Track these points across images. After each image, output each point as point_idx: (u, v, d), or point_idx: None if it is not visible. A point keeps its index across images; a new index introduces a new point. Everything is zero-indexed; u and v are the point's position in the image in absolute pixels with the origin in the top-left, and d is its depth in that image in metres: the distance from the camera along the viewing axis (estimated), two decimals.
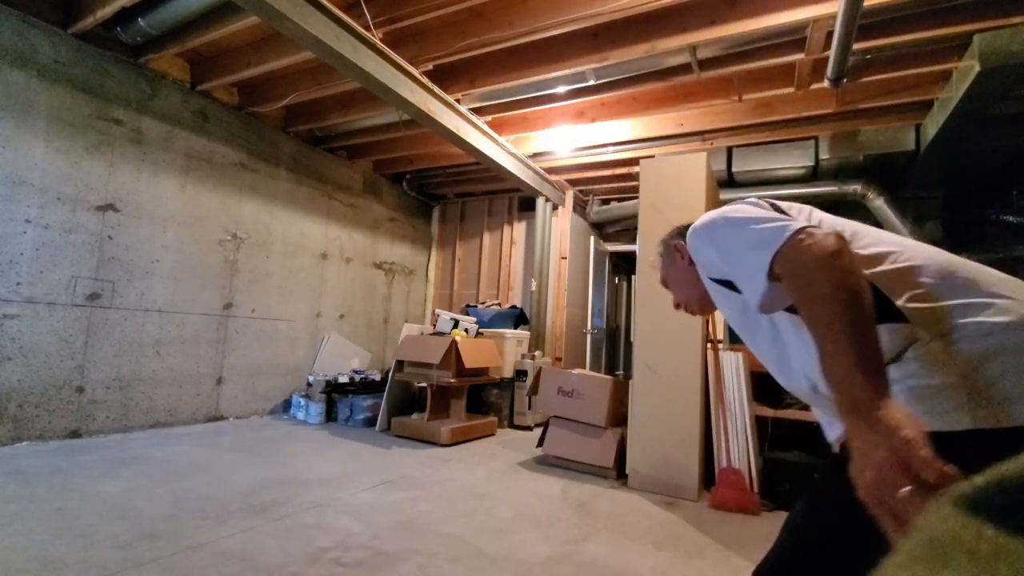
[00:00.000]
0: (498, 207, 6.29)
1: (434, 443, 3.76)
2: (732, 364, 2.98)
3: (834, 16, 2.46)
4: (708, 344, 3.03)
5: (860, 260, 0.72)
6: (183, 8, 3.08)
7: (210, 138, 4.09)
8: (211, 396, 4.08)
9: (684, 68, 3.29)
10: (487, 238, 6.30)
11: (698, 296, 1.05)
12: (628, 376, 3.21)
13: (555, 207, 5.69)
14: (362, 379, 4.63)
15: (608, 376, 3.48)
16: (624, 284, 7.72)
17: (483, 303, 5.74)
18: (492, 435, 4.30)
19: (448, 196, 6.61)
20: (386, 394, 4.23)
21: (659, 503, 2.77)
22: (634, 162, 4.43)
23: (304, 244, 4.91)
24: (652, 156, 4.00)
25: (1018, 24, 2.63)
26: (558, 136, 4.61)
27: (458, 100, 3.86)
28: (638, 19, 3.02)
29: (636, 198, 3.56)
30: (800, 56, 3.01)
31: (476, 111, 4.08)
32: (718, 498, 2.75)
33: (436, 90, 3.58)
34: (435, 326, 4.55)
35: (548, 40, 3.25)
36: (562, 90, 3.70)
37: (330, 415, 4.40)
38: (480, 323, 4.81)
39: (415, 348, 4.03)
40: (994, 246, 4.26)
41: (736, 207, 0.84)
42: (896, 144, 3.88)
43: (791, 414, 2.96)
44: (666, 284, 1.13)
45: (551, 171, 5.35)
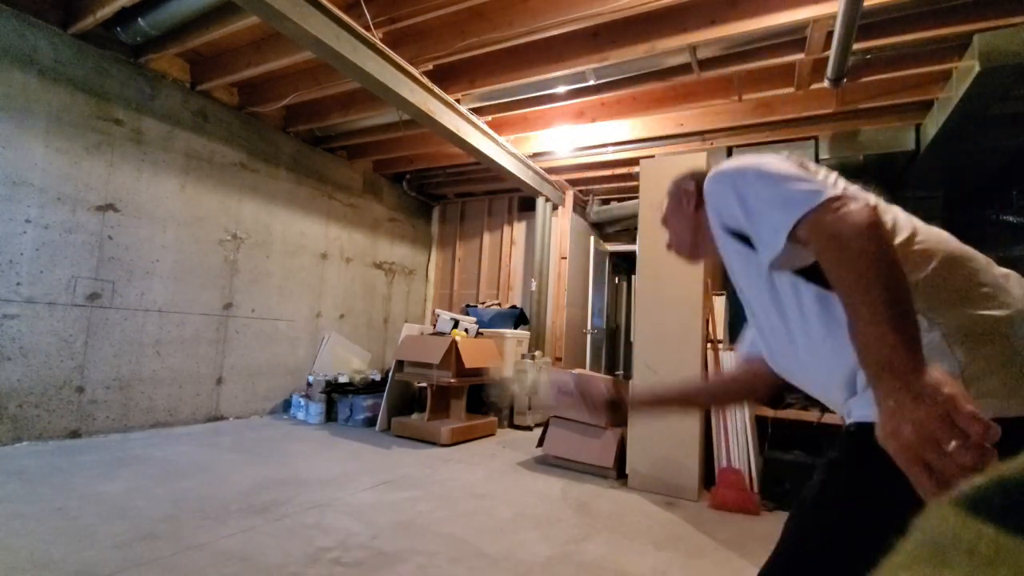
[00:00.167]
0: (498, 207, 6.29)
1: (434, 443, 3.76)
2: (732, 364, 2.98)
3: (834, 16, 2.46)
4: (708, 344, 3.03)
5: None
6: (183, 8, 3.08)
7: (210, 138, 4.09)
8: (211, 396, 4.08)
9: (684, 68, 3.29)
10: (487, 238, 6.30)
11: (693, 242, 1.06)
12: (628, 376, 3.21)
13: (555, 207, 5.69)
14: (362, 379, 4.63)
15: (608, 376, 3.48)
16: (624, 284, 7.71)
17: (483, 303, 5.74)
18: (492, 435, 4.30)
19: (448, 196, 6.61)
20: (386, 394, 4.22)
21: (659, 503, 2.77)
22: (634, 162, 4.43)
23: (304, 244, 4.91)
24: (652, 156, 4.00)
25: (1018, 24, 2.62)
26: (558, 136, 4.61)
27: (458, 100, 3.85)
28: (638, 19, 3.02)
29: (636, 198, 3.57)
30: (800, 56, 3.01)
31: (476, 111, 4.07)
32: (718, 498, 2.75)
33: (436, 90, 3.58)
34: (435, 326, 4.55)
35: (548, 40, 3.25)
36: (562, 90, 3.69)
37: (330, 415, 4.40)
38: (480, 323, 4.81)
39: (415, 348, 4.03)
40: (994, 246, 4.25)
41: (767, 160, 0.80)
42: (896, 144, 3.88)
43: (791, 414, 2.96)
44: (666, 224, 1.13)
45: (551, 171, 5.35)
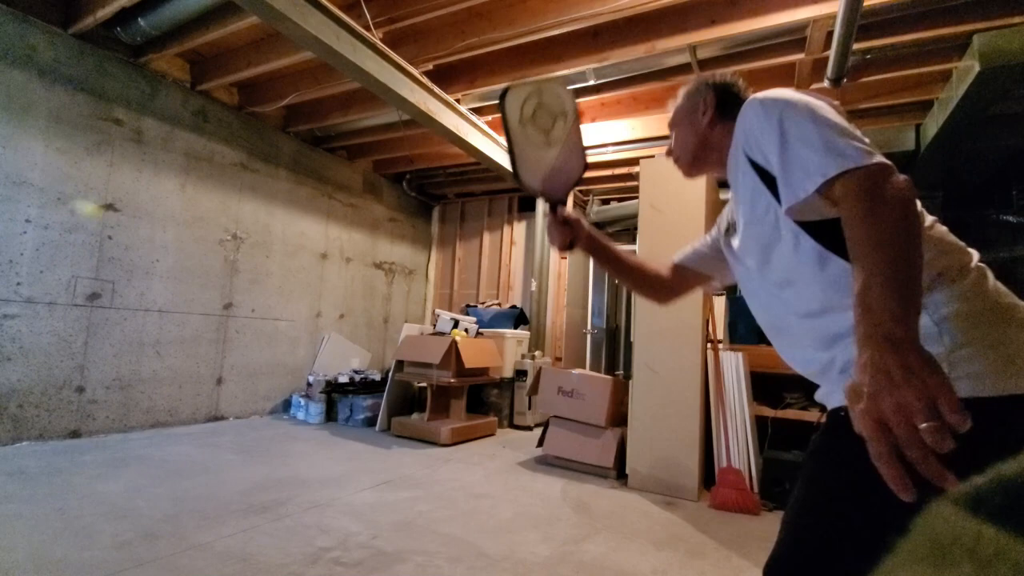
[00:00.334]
0: (498, 207, 6.29)
1: (434, 443, 3.76)
2: (732, 364, 2.98)
3: (834, 16, 2.46)
4: (708, 344, 3.03)
5: None
6: (183, 8, 3.08)
7: (210, 138, 4.09)
8: (211, 396, 4.08)
9: (684, 68, 3.29)
10: (487, 238, 6.30)
11: (696, 156, 1.04)
12: (628, 376, 3.21)
13: None
14: (362, 379, 4.63)
15: (608, 376, 3.48)
16: None
17: (483, 303, 5.74)
18: (492, 435, 4.30)
19: (448, 196, 6.60)
20: (386, 394, 4.22)
21: (659, 503, 2.77)
22: (634, 162, 4.43)
23: (304, 244, 4.91)
24: (652, 156, 4.00)
25: (1018, 24, 2.62)
26: None
27: (458, 100, 3.85)
28: (638, 19, 3.02)
29: (636, 198, 3.56)
30: (800, 56, 3.01)
31: (476, 111, 4.07)
32: (718, 498, 2.74)
33: (436, 90, 3.58)
34: (435, 326, 4.55)
35: (548, 40, 3.25)
36: None
37: (330, 415, 4.40)
38: (480, 323, 4.81)
39: (415, 348, 4.03)
40: (994, 246, 4.26)
41: (821, 103, 0.78)
42: (896, 144, 3.88)
43: (791, 414, 2.96)
44: (672, 127, 1.09)
45: None
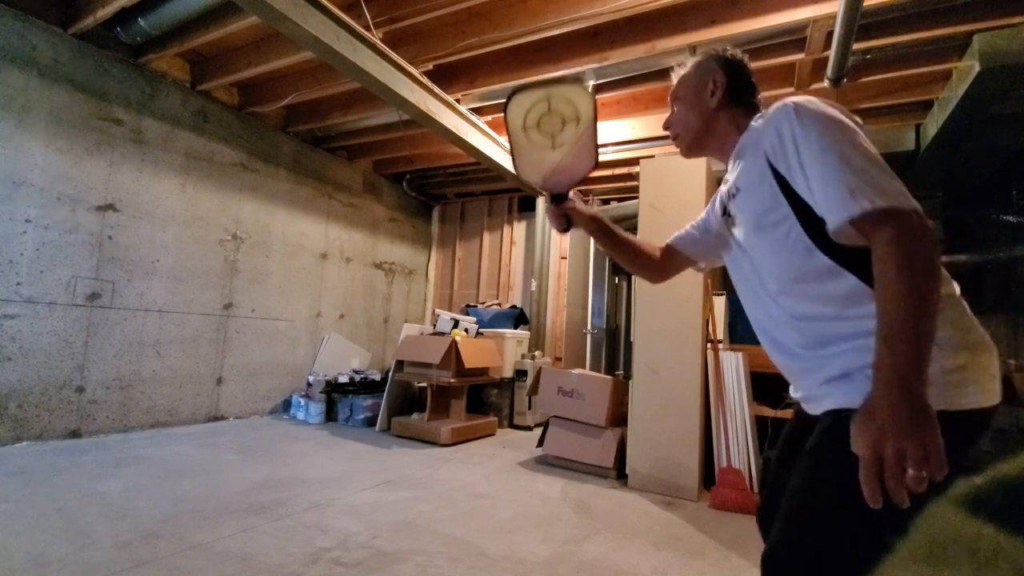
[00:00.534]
0: (498, 207, 6.29)
1: (434, 443, 3.76)
2: (732, 364, 2.98)
3: (834, 16, 2.46)
4: (708, 344, 3.03)
5: None
6: (183, 8, 3.08)
7: (210, 138, 4.09)
8: (211, 396, 4.08)
9: None
10: (487, 238, 6.30)
11: (697, 136, 1.03)
12: (628, 376, 3.21)
13: None
14: (362, 379, 4.63)
15: (608, 376, 3.48)
16: (624, 284, 7.69)
17: (483, 303, 5.74)
18: (492, 435, 4.30)
19: (448, 196, 6.60)
20: (386, 394, 4.22)
21: (659, 503, 2.77)
22: (634, 162, 4.42)
23: (304, 244, 4.91)
24: (652, 156, 3.99)
25: (1018, 24, 2.62)
26: None
27: (458, 100, 3.85)
28: (638, 19, 3.02)
29: (636, 198, 3.56)
30: (800, 56, 3.00)
31: (476, 111, 4.07)
32: (718, 498, 2.74)
33: (436, 90, 3.58)
34: (435, 326, 4.55)
35: (548, 40, 3.25)
36: None
37: (330, 415, 4.40)
38: (480, 323, 4.81)
39: (415, 348, 4.03)
40: (994, 246, 4.25)
41: (857, 132, 0.77)
42: (896, 144, 3.88)
43: (791, 414, 2.95)
44: (674, 101, 1.05)
45: None
